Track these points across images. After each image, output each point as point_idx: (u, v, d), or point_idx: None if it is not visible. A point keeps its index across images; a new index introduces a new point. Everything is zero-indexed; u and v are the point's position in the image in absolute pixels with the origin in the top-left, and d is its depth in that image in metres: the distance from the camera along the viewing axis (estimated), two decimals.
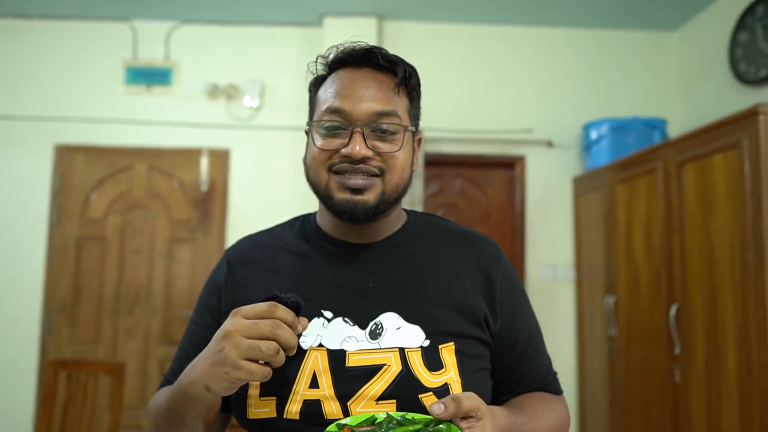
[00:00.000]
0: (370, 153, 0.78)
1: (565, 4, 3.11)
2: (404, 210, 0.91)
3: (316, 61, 0.86)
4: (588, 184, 3.12)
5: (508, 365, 0.85)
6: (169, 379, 0.87)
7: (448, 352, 0.77)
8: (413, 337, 0.77)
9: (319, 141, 0.80)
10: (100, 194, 3.30)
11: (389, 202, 0.81)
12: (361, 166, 0.78)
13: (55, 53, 3.35)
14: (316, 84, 0.87)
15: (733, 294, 2.00)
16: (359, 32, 0.87)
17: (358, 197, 0.78)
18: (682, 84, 3.33)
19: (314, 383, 0.75)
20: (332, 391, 0.74)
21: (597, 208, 3.01)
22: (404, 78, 0.82)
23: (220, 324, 0.81)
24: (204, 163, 3.31)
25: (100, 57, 3.35)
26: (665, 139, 2.95)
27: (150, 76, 3.34)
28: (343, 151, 0.78)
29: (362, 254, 0.84)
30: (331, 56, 0.84)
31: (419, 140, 0.90)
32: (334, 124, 0.79)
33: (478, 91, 3.37)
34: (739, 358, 1.96)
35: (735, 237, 1.99)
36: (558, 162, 3.32)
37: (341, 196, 0.79)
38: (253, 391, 0.77)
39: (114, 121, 3.30)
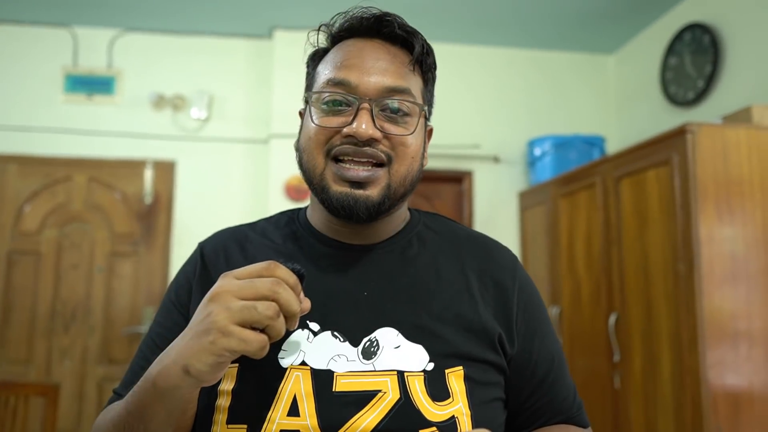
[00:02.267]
0: (378, 134, 0.66)
1: (510, 26, 3.23)
2: (408, 208, 0.80)
3: (318, 30, 0.74)
4: (533, 199, 3.22)
5: (527, 395, 0.73)
6: (120, 393, 0.72)
7: (455, 378, 0.65)
8: (415, 358, 0.65)
9: (317, 118, 0.68)
10: (35, 206, 3.14)
11: (395, 198, 0.69)
12: (366, 149, 0.66)
13: None
14: (315, 58, 0.75)
15: (666, 303, 2.11)
16: (304, 53, 0.79)
17: (359, 192, 0.66)
18: (619, 104, 3.51)
19: (294, 410, 0.62)
20: (315, 421, 0.61)
21: (541, 221, 3.11)
22: (422, 53, 0.71)
23: None
24: (148, 175, 3.21)
25: (37, 63, 3.20)
26: (603, 155, 3.09)
27: (91, 84, 3.23)
28: (346, 130, 0.66)
29: (358, 258, 0.72)
30: (336, 24, 0.73)
31: (430, 131, 0.79)
32: (336, 98, 0.67)
33: None
34: (673, 364, 2.06)
35: (667, 248, 2.10)
36: (504, 177, 3.41)
37: (339, 188, 0.67)
38: (220, 416, 0.64)
39: (51, 131, 3.16)
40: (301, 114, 0.75)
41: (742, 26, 2.57)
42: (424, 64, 0.72)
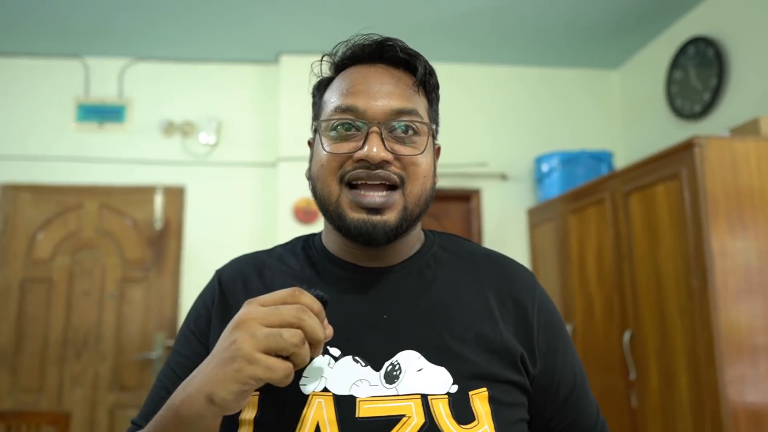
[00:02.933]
0: (389, 156, 0.67)
1: (514, 44, 3.26)
2: (422, 229, 0.80)
3: (321, 61, 0.75)
4: (541, 215, 3.21)
5: (551, 415, 0.73)
6: (139, 424, 0.72)
7: (480, 401, 0.65)
8: (438, 381, 0.64)
9: (328, 145, 0.69)
10: (47, 234, 3.18)
11: (411, 219, 0.69)
12: (378, 172, 0.67)
13: (1, 90, 3.25)
14: (320, 87, 0.77)
15: (681, 318, 2.07)
16: (309, 83, 0.80)
17: (377, 217, 0.67)
18: (625, 118, 3.51)
19: None
20: None
21: (551, 238, 3.09)
22: (425, 74, 0.72)
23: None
24: (158, 200, 3.25)
25: (50, 94, 3.27)
26: (611, 170, 3.08)
27: (102, 113, 3.28)
28: (358, 154, 0.66)
29: (376, 280, 0.72)
30: (339, 53, 0.74)
31: (438, 149, 0.79)
32: (346, 123, 0.68)
33: None
34: (690, 380, 2.02)
35: (679, 263, 2.08)
36: (512, 194, 3.41)
37: (356, 216, 0.67)
38: None
39: (64, 159, 3.21)
40: (310, 144, 0.76)
41: (746, 38, 2.57)
42: (428, 85, 0.74)
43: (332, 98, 0.72)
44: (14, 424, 2.01)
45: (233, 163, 3.32)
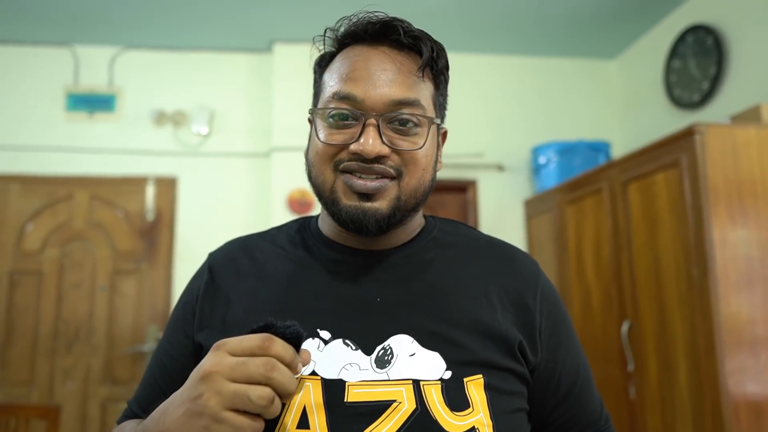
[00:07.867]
0: (386, 150, 0.64)
1: (511, 34, 3.22)
2: (423, 215, 0.77)
3: (324, 35, 0.72)
4: (539, 206, 3.17)
5: (552, 408, 0.71)
6: (132, 409, 0.74)
7: (475, 387, 0.63)
8: (431, 366, 0.62)
9: (323, 133, 0.66)
10: (37, 226, 3.12)
11: (405, 209, 0.67)
12: (374, 165, 0.64)
13: None
14: (322, 63, 0.73)
15: (680, 308, 2.05)
16: (309, 59, 0.77)
17: (368, 204, 0.64)
18: (623, 108, 3.47)
19: (304, 422, 0.60)
20: None
21: (548, 229, 3.06)
22: (430, 59, 0.68)
23: (194, 344, 0.71)
24: (150, 191, 3.19)
25: (38, 83, 3.21)
26: (609, 160, 3.04)
27: (92, 102, 3.22)
28: (353, 147, 0.64)
29: (370, 263, 0.70)
30: (342, 29, 0.70)
31: (444, 134, 0.76)
32: (342, 113, 0.65)
33: None
34: (690, 371, 1.99)
35: (679, 252, 2.05)
36: (509, 185, 3.37)
37: (348, 202, 0.65)
38: None
39: (53, 149, 3.15)
40: (311, 121, 0.73)
41: (746, 26, 2.54)
42: (435, 68, 0.70)
43: (331, 81, 0.69)
44: (3, 418, 1.96)
45: (226, 154, 3.27)
